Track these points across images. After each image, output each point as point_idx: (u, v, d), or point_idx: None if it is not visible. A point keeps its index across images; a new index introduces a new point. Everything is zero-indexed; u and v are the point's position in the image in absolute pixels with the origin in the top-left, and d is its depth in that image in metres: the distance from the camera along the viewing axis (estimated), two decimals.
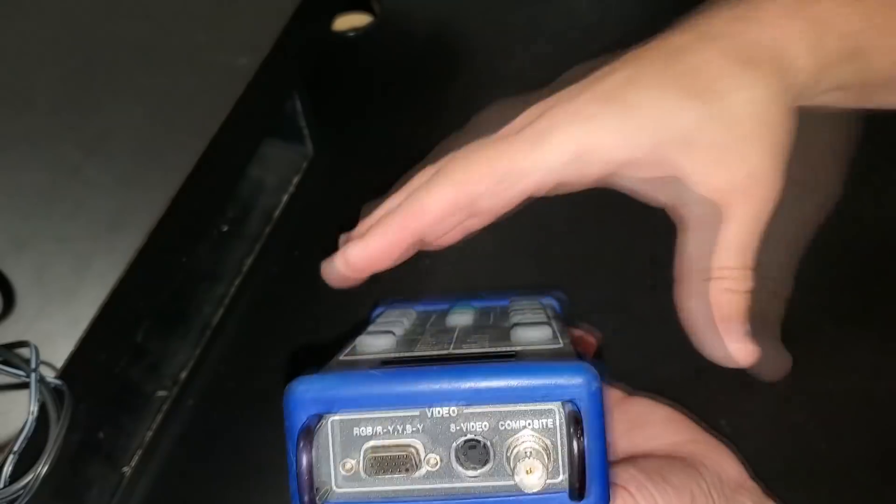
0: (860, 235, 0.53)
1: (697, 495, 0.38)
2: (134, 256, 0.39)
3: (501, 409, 0.30)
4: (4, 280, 0.39)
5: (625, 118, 0.34)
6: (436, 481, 0.31)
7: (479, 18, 0.65)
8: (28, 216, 0.41)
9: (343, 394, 0.31)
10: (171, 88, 0.45)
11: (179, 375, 0.51)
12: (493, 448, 0.30)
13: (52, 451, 0.34)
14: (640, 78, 0.35)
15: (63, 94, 0.45)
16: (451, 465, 0.31)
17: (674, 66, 0.35)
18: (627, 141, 0.34)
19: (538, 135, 0.34)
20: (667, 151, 0.34)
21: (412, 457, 0.31)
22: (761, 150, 0.34)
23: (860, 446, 0.47)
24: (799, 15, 0.35)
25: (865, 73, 0.36)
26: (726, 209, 0.34)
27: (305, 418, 0.31)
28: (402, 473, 0.31)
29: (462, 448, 0.30)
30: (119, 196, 0.41)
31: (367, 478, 0.31)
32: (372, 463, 0.31)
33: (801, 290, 0.50)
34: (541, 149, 0.34)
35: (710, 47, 0.35)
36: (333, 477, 0.31)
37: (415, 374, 0.31)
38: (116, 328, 0.40)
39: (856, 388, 0.48)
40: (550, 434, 0.30)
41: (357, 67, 0.64)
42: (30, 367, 0.35)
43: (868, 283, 0.51)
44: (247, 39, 0.46)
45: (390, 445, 0.31)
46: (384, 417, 0.31)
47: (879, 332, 0.50)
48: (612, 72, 0.36)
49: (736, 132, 0.34)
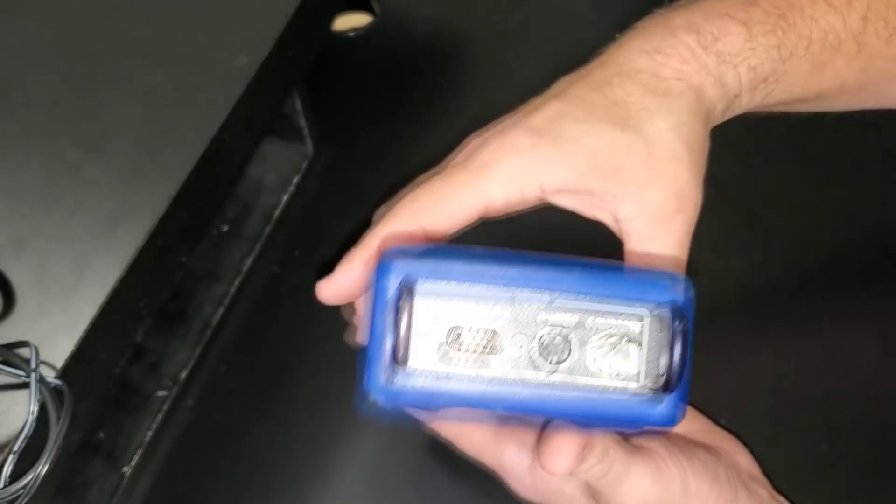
0: (860, 235, 0.53)
1: (721, 475, 0.40)
2: (134, 256, 0.39)
3: (592, 306, 0.31)
4: (4, 280, 0.39)
5: (557, 150, 0.37)
6: (515, 371, 0.31)
7: (478, 18, 0.65)
8: (28, 215, 0.41)
9: (438, 264, 0.31)
10: (171, 88, 0.45)
11: (179, 375, 0.51)
12: (577, 344, 0.31)
13: (52, 450, 0.34)
14: (569, 112, 0.38)
15: (63, 93, 0.45)
16: (531, 357, 0.31)
17: (599, 101, 0.38)
18: (561, 171, 0.37)
19: (479, 167, 0.37)
20: (600, 178, 0.37)
21: (495, 341, 0.30)
22: (685, 169, 0.37)
23: (860, 446, 0.47)
24: (709, 51, 0.38)
25: (779, 96, 0.41)
26: (660, 224, 0.37)
27: (400, 280, 0.31)
28: (483, 357, 0.31)
29: (546, 340, 0.31)
30: (119, 195, 0.41)
31: (449, 357, 0.31)
32: (455, 340, 0.31)
33: (800, 289, 0.50)
34: (481, 179, 0.37)
35: (628, 82, 0.38)
36: (415, 352, 0.31)
37: (511, 257, 0.31)
38: (116, 328, 0.40)
39: (855, 386, 0.48)
40: (636, 338, 0.31)
41: (357, 67, 0.64)
42: (30, 367, 0.35)
43: (868, 282, 0.52)
44: (247, 39, 0.46)
45: (475, 328, 0.31)
46: (473, 296, 0.31)
47: (879, 331, 0.50)
48: (543, 106, 0.39)
49: (661, 155, 0.37)
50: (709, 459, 0.40)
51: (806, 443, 0.47)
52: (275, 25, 0.47)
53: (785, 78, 0.40)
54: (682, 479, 0.38)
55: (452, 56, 0.63)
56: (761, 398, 0.48)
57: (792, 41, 0.40)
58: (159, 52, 0.46)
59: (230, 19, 0.47)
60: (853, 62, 0.41)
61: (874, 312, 0.50)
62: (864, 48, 0.41)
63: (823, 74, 0.41)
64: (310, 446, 0.49)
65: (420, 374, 0.31)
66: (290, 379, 0.51)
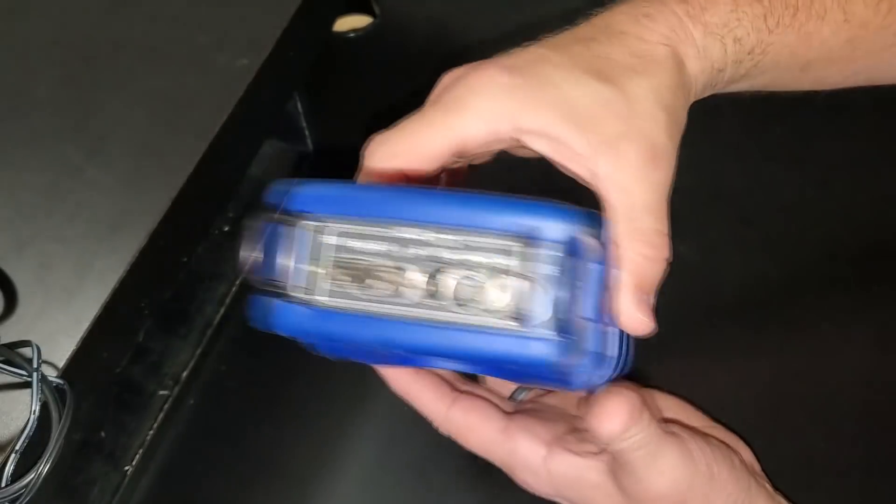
0: (858, 236, 0.53)
1: (737, 464, 0.40)
2: (135, 256, 0.39)
3: (473, 240, 0.30)
4: (6, 280, 0.39)
5: (536, 91, 0.36)
6: (396, 304, 0.30)
7: (479, 18, 0.65)
8: (30, 216, 0.41)
9: (316, 194, 0.31)
10: (172, 89, 0.45)
11: (181, 375, 0.51)
12: (457, 280, 0.30)
13: (53, 450, 0.35)
14: (550, 57, 0.37)
15: (65, 94, 0.45)
16: (410, 292, 0.30)
17: (582, 53, 0.37)
18: (539, 113, 0.36)
19: (453, 102, 0.37)
20: (577, 127, 0.36)
21: (381, 274, 0.30)
22: (661, 128, 0.36)
23: (858, 446, 0.47)
24: (696, 21, 0.38)
25: (765, 67, 0.40)
26: (639, 175, 0.36)
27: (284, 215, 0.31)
28: (365, 288, 0.30)
29: (426, 276, 0.30)
30: (121, 196, 0.42)
31: (329, 287, 0.30)
32: (340, 269, 0.30)
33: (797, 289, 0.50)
34: (454, 116, 0.36)
35: (614, 41, 0.38)
36: (295, 277, 0.31)
37: (397, 192, 0.31)
38: (118, 328, 0.40)
39: (852, 386, 0.48)
40: (518, 273, 0.30)
41: (357, 67, 0.64)
42: (31, 366, 0.35)
43: (864, 281, 0.52)
44: (247, 40, 0.46)
45: (358, 259, 0.30)
46: (356, 231, 0.31)
47: (876, 330, 0.50)
48: (524, 51, 0.38)
49: (640, 112, 0.36)
50: (725, 448, 0.40)
51: (804, 443, 0.47)
52: (275, 27, 0.47)
53: (771, 48, 0.40)
54: (706, 463, 0.38)
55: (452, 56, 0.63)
56: (760, 398, 0.48)
57: (779, 10, 0.39)
58: (160, 53, 0.46)
59: (231, 21, 0.48)
60: (840, 32, 0.41)
61: (872, 312, 0.50)
62: (851, 18, 0.41)
63: (810, 45, 0.40)
64: (310, 446, 0.49)
65: (296, 310, 0.31)
66: (291, 379, 0.51)
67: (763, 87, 0.43)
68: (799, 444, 0.47)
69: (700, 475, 0.38)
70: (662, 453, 0.37)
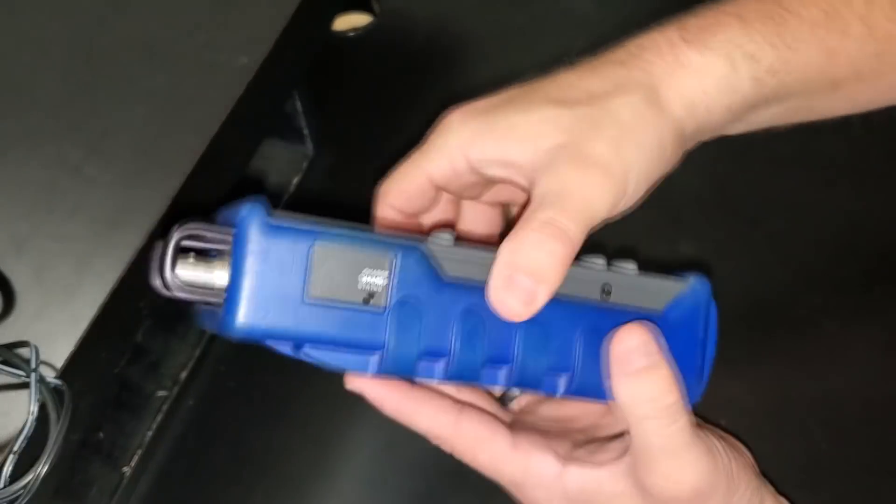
0: (862, 237, 0.53)
1: (749, 463, 0.40)
2: (134, 256, 0.39)
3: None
4: (4, 279, 0.39)
5: (488, 124, 0.38)
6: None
7: (478, 18, 0.65)
8: (28, 215, 0.41)
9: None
10: (171, 88, 0.45)
11: (179, 375, 0.51)
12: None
13: (52, 451, 0.34)
14: (516, 95, 0.39)
15: (64, 93, 0.45)
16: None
17: (548, 87, 0.39)
18: (484, 141, 0.38)
19: (427, 142, 0.40)
20: (516, 141, 0.37)
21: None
22: (606, 141, 0.37)
23: (860, 446, 0.47)
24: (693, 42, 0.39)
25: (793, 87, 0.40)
26: (562, 180, 0.36)
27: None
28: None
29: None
30: (119, 195, 0.41)
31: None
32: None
33: (802, 290, 0.50)
34: (422, 156, 0.40)
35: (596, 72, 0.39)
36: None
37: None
38: (116, 328, 0.40)
39: (856, 387, 0.48)
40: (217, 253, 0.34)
41: (357, 67, 0.64)
42: (30, 366, 0.35)
43: (869, 282, 0.52)
44: (247, 39, 0.46)
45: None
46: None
47: (881, 331, 0.50)
48: (503, 91, 0.40)
49: (584, 125, 0.37)
50: (739, 446, 0.40)
51: (806, 443, 0.47)
52: (275, 25, 0.47)
53: (795, 67, 0.39)
54: (726, 461, 0.38)
55: (452, 56, 0.63)
56: (762, 398, 0.48)
57: (793, 26, 0.39)
58: (160, 52, 0.46)
59: (230, 19, 0.47)
60: (866, 46, 0.40)
61: (876, 313, 0.50)
62: (874, 31, 0.40)
63: (837, 62, 0.40)
64: (310, 446, 0.49)
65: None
66: (290, 379, 0.51)
67: (798, 111, 0.42)
68: (805, 446, 0.47)
69: (721, 473, 0.37)
70: (690, 450, 0.36)
